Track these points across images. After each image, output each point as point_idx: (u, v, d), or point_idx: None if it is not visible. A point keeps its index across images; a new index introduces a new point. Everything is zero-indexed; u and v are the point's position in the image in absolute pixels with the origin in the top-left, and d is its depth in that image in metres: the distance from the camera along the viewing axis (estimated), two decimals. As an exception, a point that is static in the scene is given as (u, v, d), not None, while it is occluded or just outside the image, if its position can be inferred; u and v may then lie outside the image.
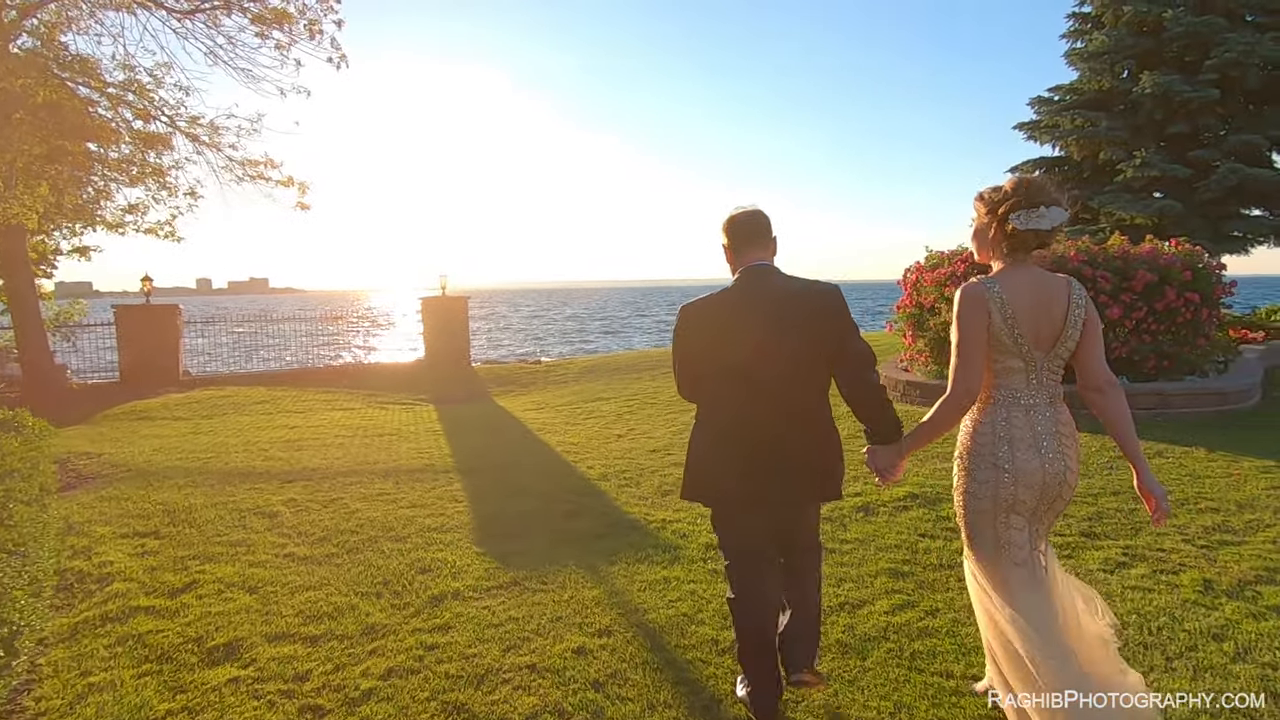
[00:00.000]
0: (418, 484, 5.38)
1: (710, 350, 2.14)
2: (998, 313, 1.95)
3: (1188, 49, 9.65)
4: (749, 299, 2.10)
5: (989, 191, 2.07)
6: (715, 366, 2.14)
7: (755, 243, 2.17)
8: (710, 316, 2.15)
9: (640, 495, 5.05)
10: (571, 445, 6.89)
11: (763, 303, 2.07)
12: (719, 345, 2.12)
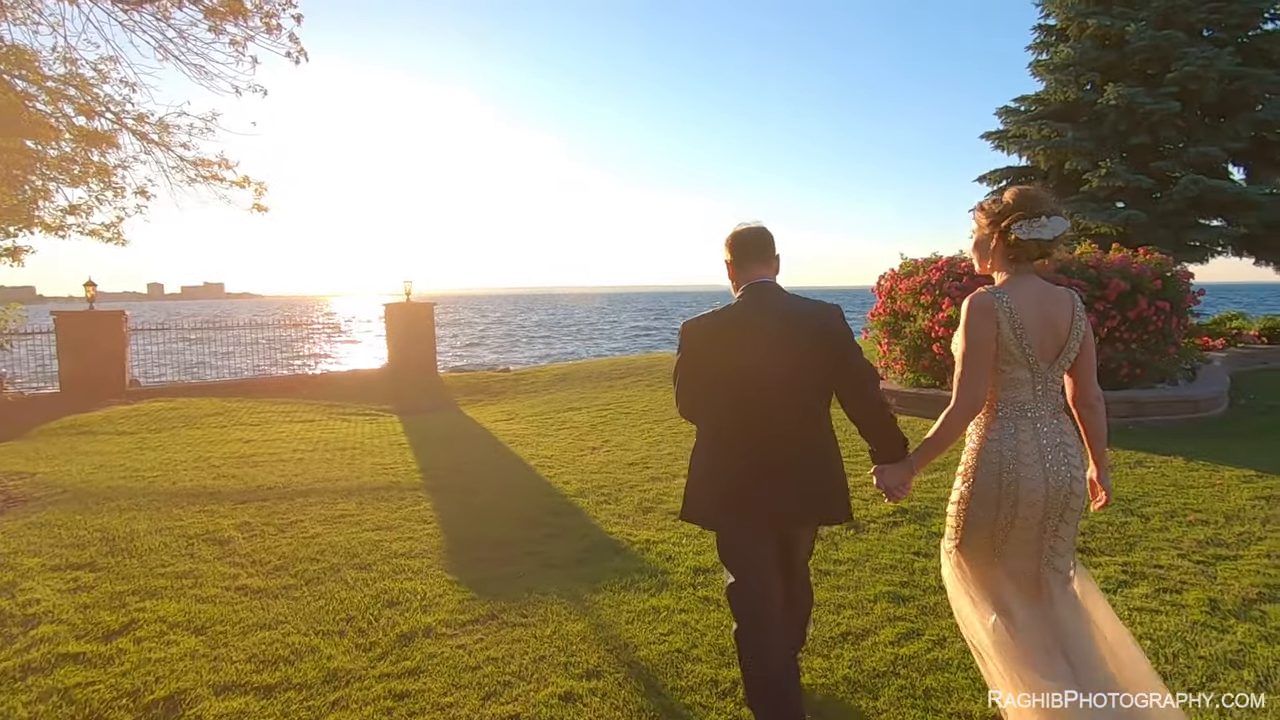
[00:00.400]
0: (383, 503, 5.06)
1: (714, 368, 2.10)
2: (1006, 323, 1.95)
3: (1149, 62, 9.85)
4: (753, 317, 2.08)
5: (990, 202, 2.08)
6: (719, 384, 2.11)
7: (759, 259, 2.16)
8: (714, 334, 2.11)
9: (620, 513, 4.82)
10: (545, 459, 6.63)
11: (767, 321, 2.05)
12: (723, 363, 2.08)
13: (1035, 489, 1.95)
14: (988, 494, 1.98)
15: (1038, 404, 2.00)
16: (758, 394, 2.05)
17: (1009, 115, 11.50)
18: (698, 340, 2.12)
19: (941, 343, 7.83)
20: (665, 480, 5.67)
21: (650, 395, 10.37)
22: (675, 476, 5.77)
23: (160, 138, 9.63)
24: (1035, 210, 1.97)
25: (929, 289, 8.05)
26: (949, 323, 7.70)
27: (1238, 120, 9.53)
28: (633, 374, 12.40)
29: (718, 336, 2.10)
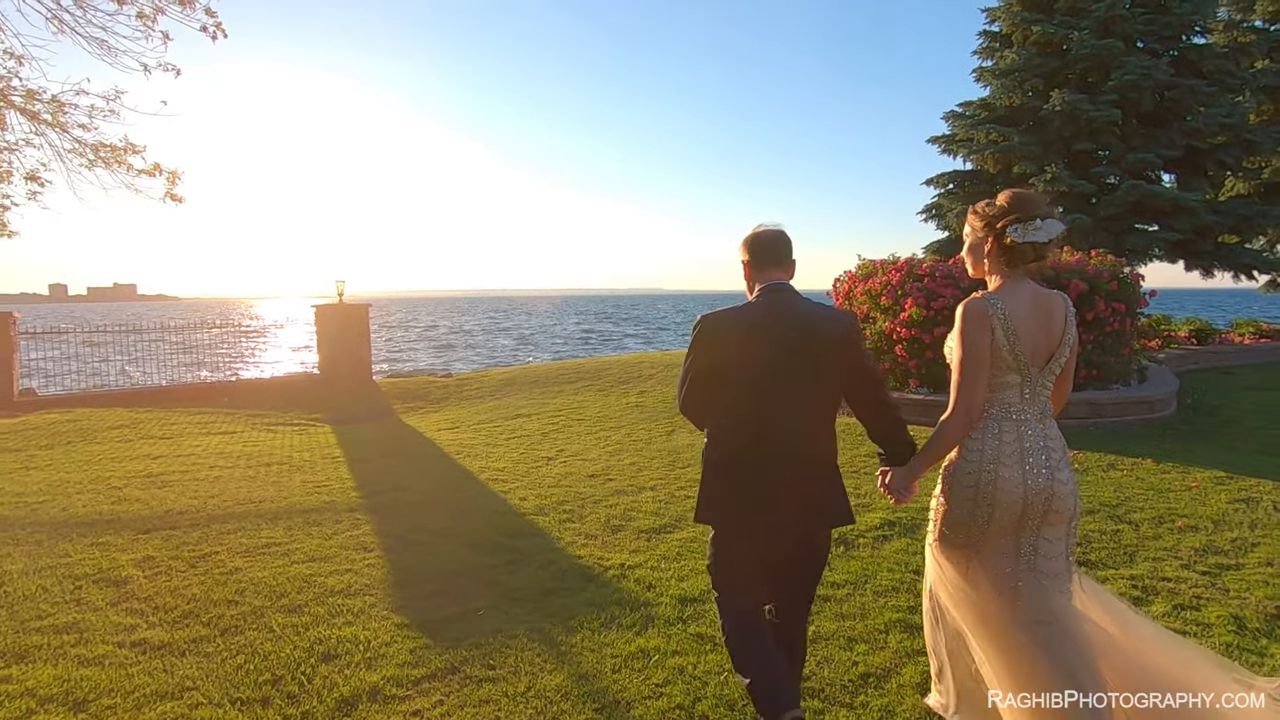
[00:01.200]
0: (316, 529, 4.46)
1: (729, 368, 2.06)
2: (1000, 329, 1.94)
3: (1090, 70, 10.10)
4: (772, 319, 2.05)
5: (984, 206, 2.07)
6: (733, 385, 2.07)
7: (776, 263, 2.14)
8: (732, 333, 2.07)
9: (587, 533, 4.37)
10: (497, 472, 6.10)
11: (786, 324, 2.04)
12: (739, 363, 2.05)
13: (1013, 490, 1.95)
14: (964, 493, 2.00)
15: (1024, 407, 2.01)
16: (773, 397, 2.02)
17: (955, 119, 11.63)
18: (714, 338, 2.07)
19: (905, 344, 7.70)
20: (631, 494, 5.25)
21: (603, 400, 9.94)
22: (641, 489, 5.36)
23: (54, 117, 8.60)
24: (1030, 213, 1.95)
25: (889, 291, 7.92)
26: (911, 323, 7.59)
27: (1171, 129, 9.86)
28: (582, 378, 11.94)
29: (735, 336, 2.05)
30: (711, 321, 2.08)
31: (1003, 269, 2.02)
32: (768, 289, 2.11)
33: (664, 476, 5.73)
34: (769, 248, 2.14)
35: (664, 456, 6.45)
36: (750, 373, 2.03)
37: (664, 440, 7.22)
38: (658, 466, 6.09)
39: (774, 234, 2.16)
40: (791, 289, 2.13)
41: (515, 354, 33.84)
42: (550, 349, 36.50)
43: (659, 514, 4.72)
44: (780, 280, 2.12)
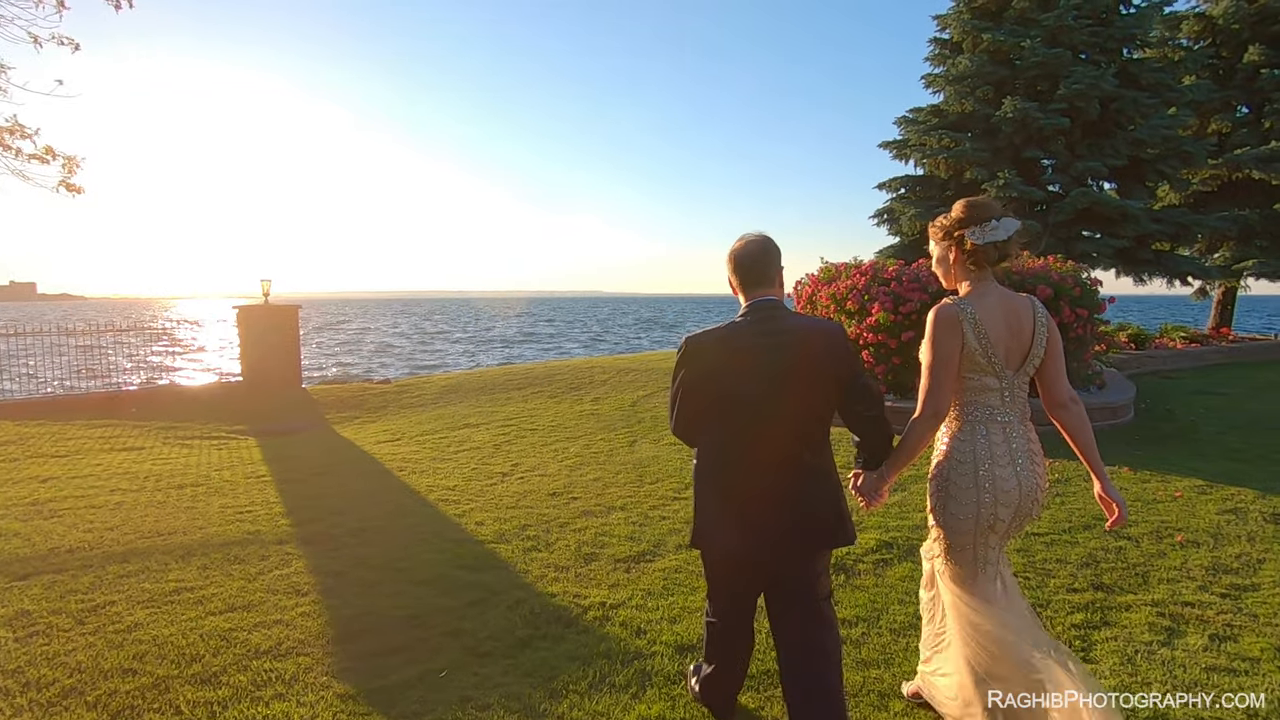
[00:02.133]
0: (237, 568, 3.82)
1: (718, 387, 2.03)
2: (971, 333, 1.97)
3: (1039, 79, 10.25)
4: (759, 336, 2.02)
5: (940, 219, 2.12)
6: (722, 404, 2.04)
7: (761, 280, 2.09)
8: (719, 351, 2.04)
9: (557, 564, 3.89)
10: (448, 491, 5.53)
11: (774, 340, 2.01)
12: (728, 382, 2.02)
13: (1010, 489, 1.98)
14: (966, 493, 2.00)
15: (1006, 409, 2.03)
16: (763, 415, 1.99)
17: (907, 125, 11.66)
18: (702, 357, 2.05)
19: (871, 349, 7.50)
20: (599, 515, 4.79)
21: (556, 408, 9.42)
22: (610, 509, 4.91)
23: (-78, 89, 7.51)
24: (984, 215, 2.00)
25: (855, 295, 7.71)
26: (878, 328, 7.40)
27: (1116, 139, 10.11)
28: (531, 384, 11.37)
29: (723, 355, 2.02)
30: (696, 342, 2.05)
31: (970, 274, 2.05)
32: (754, 306, 2.07)
33: (633, 494, 5.29)
34: (753, 265, 2.09)
35: (629, 471, 6.01)
36: (738, 391, 1.99)
37: (626, 452, 6.78)
38: (624, 482, 5.64)
39: (757, 249, 2.10)
40: (777, 304, 2.08)
41: (457, 358, 32.66)
42: (493, 353, 35.45)
43: (634, 539, 4.28)
44: (768, 296, 2.07)
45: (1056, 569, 3.66)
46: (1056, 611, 3.18)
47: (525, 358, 30.92)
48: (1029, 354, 2.02)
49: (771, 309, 2.06)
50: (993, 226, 2.00)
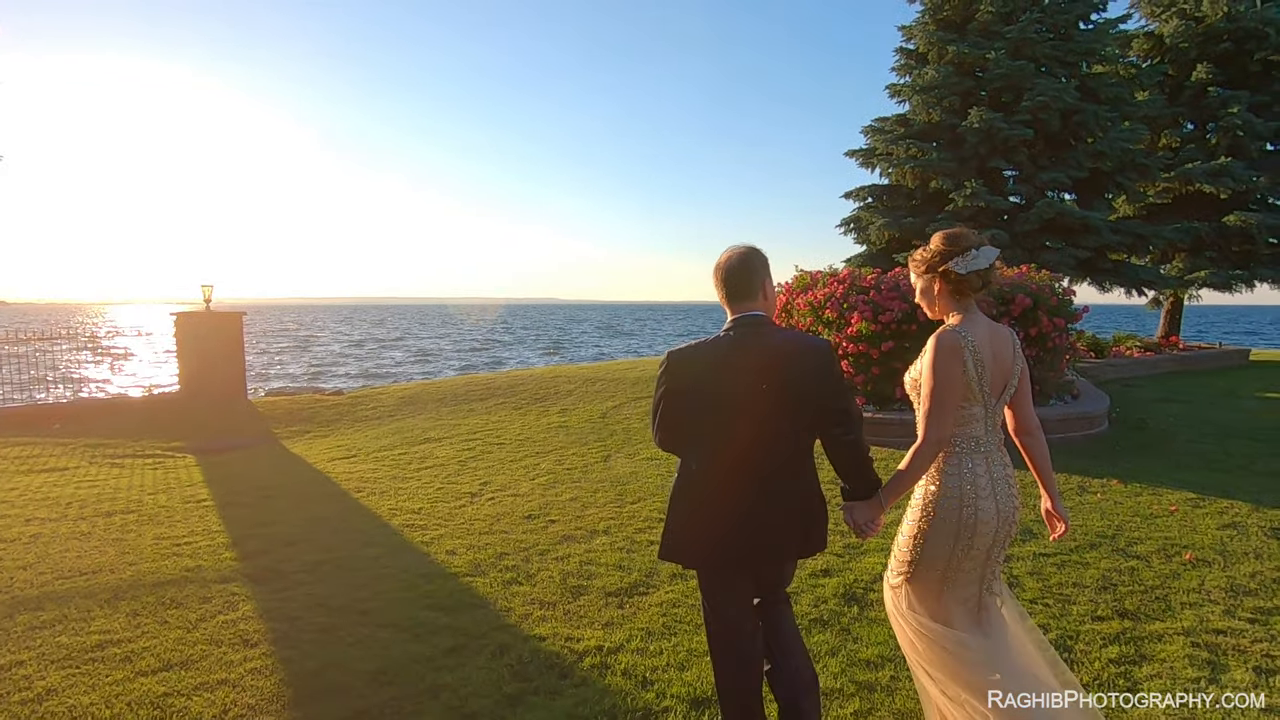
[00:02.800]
0: (174, 613, 3.34)
1: (700, 402, 2.03)
2: (971, 361, 2.00)
3: (1004, 90, 10.37)
4: (742, 352, 2.02)
5: (920, 253, 2.14)
6: (705, 419, 2.03)
7: (746, 295, 2.07)
8: (700, 366, 2.04)
9: (542, 599, 3.53)
10: (412, 515, 5.10)
11: (756, 358, 2.00)
12: (710, 398, 2.01)
13: (989, 520, 2.02)
14: (946, 528, 2.02)
15: (989, 438, 2.07)
16: (745, 431, 1.99)
17: (874, 134, 11.67)
18: (684, 372, 2.04)
19: (851, 359, 7.33)
20: (583, 539, 4.44)
21: (522, 421, 9.01)
22: (594, 534, 4.56)
23: None
24: (964, 246, 2.04)
25: (833, 303, 7.55)
26: (859, 338, 7.23)
27: (1077, 151, 10.29)
28: (494, 395, 10.92)
29: (705, 370, 2.02)
30: (680, 358, 2.04)
31: (957, 304, 2.08)
32: (738, 321, 2.05)
33: (615, 515, 4.95)
34: (737, 280, 2.06)
35: (607, 489, 5.67)
36: (721, 408, 1.99)
37: (601, 468, 6.44)
38: (604, 502, 5.30)
39: (741, 263, 2.06)
40: (764, 320, 2.06)
41: (409, 368, 31.65)
42: (446, 361, 34.51)
43: (624, 567, 3.94)
44: (753, 311, 2.05)
45: (1074, 593, 3.48)
46: (1089, 645, 2.97)
47: (482, 367, 30.23)
48: (1009, 382, 2.08)
49: (755, 324, 2.04)
50: (973, 256, 2.03)
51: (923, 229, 10.92)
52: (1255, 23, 11.23)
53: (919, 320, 7.02)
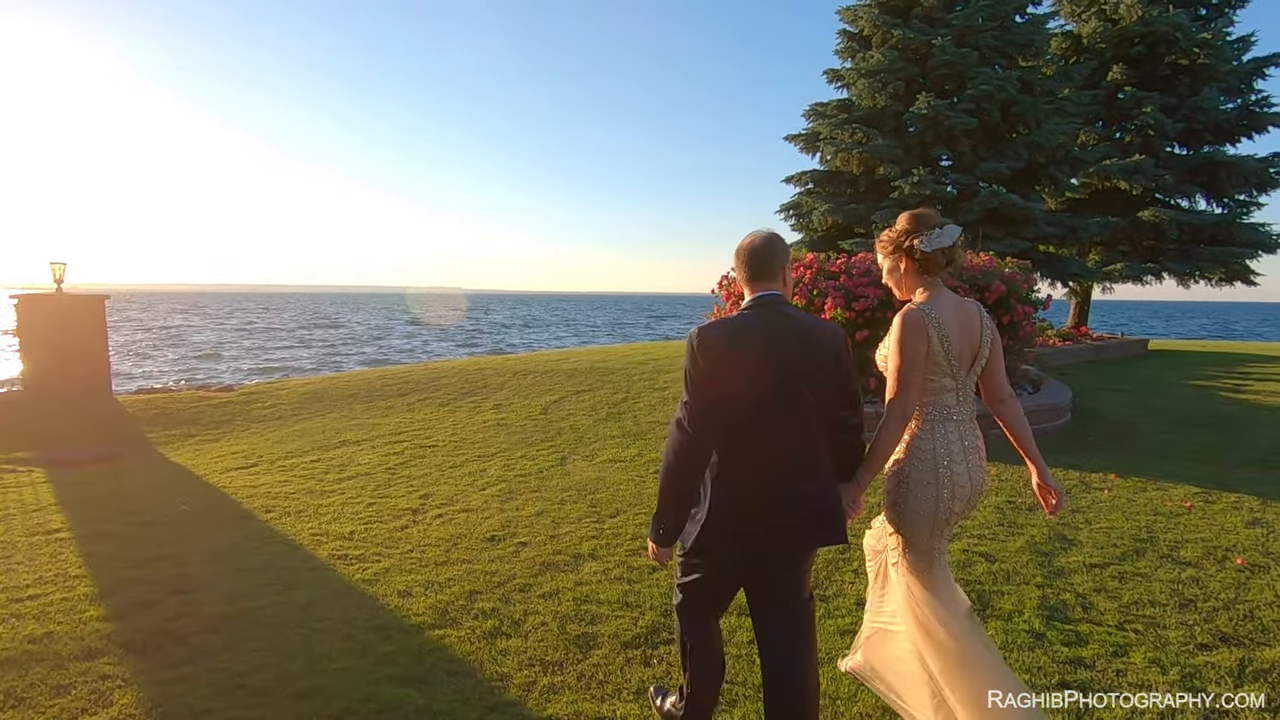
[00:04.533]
0: (13, 715, 2.29)
1: (728, 381, 1.93)
2: (936, 337, 2.05)
3: (948, 78, 10.29)
4: (772, 332, 1.97)
5: (885, 234, 2.20)
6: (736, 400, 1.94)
7: (768, 275, 2.05)
8: (734, 346, 1.95)
9: (543, 657, 2.73)
10: (343, 541, 4.12)
11: (787, 338, 1.98)
12: (738, 376, 1.93)
13: (964, 484, 2.08)
14: (926, 487, 2.07)
15: (960, 408, 2.12)
16: (776, 412, 1.95)
17: (817, 118, 11.35)
18: (718, 351, 1.94)
19: (823, 350, 6.86)
20: (568, 568, 3.65)
21: (452, 419, 8.02)
22: (580, 559, 3.78)
23: None
24: (929, 224, 2.10)
25: (802, 289, 7.05)
26: (831, 327, 6.77)
27: (1016, 142, 10.37)
28: (414, 389, 9.80)
29: (738, 349, 1.94)
30: (712, 336, 1.95)
31: (923, 280, 2.12)
32: (760, 300, 2.04)
33: (595, 534, 4.18)
34: (761, 261, 2.06)
35: (575, 500, 4.88)
36: (749, 386, 1.93)
37: (559, 474, 5.63)
38: (577, 517, 4.52)
39: (765, 245, 2.07)
40: (781, 299, 2.05)
41: (304, 359, 29.03)
42: (348, 353, 31.99)
43: (631, 604, 3.20)
44: (774, 291, 2.06)
45: (1158, 615, 3.06)
46: (1220, 685, 2.52)
47: (392, 358, 28.21)
48: (978, 355, 2.12)
49: (777, 303, 2.03)
50: (939, 234, 2.08)
51: (867, 216, 10.71)
52: (1166, 27, 11.77)
53: (895, 307, 6.68)
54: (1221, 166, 11.85)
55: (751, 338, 1.95)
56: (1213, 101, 12.00)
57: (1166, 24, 11.74)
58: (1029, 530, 4.11)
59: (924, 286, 2.11)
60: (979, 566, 3.60)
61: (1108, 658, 2.71)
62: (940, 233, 2.06)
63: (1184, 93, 12.19)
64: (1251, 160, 11.92)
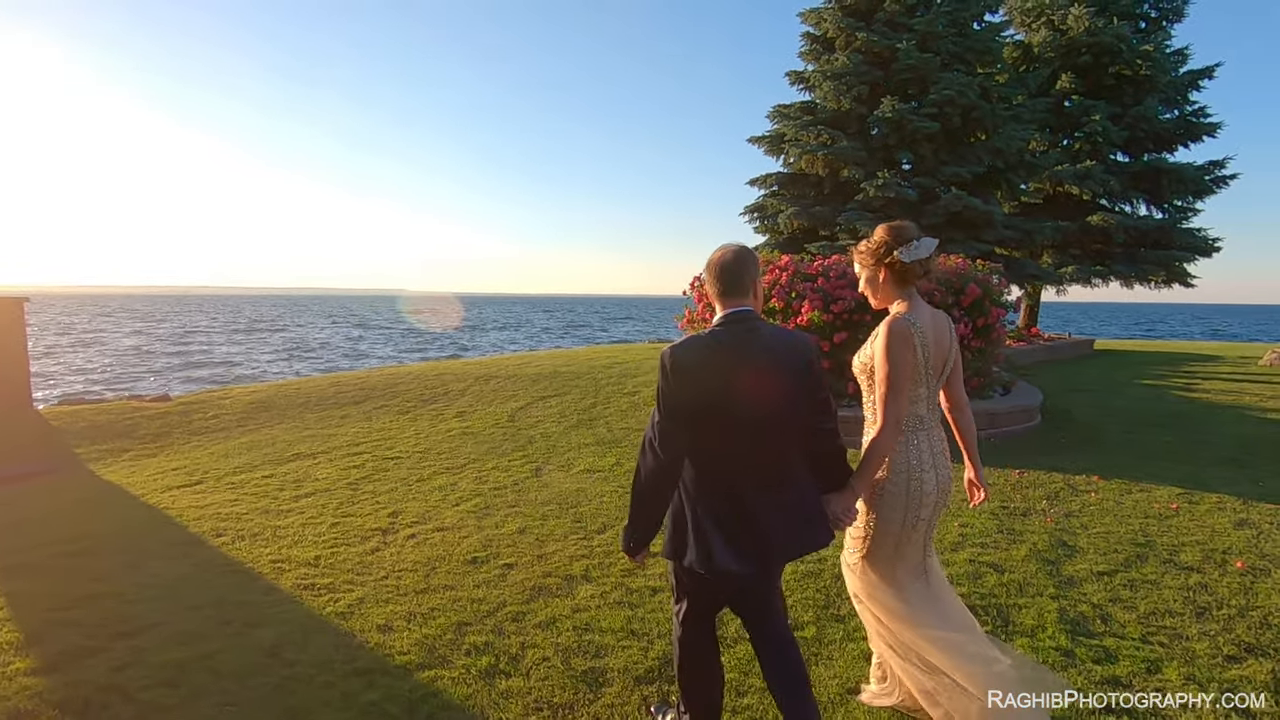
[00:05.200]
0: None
1: (702, 399, 1.95)
2: (920, 347, 2.12)
3: (911, 83, 10.38)
4: (741, 348, 1.99)
5: (865, 245, 2.26)
6: (707, 416, 1.96)
7: (738, 290, 2.05)
8: (705, 364, 1.97)
9: (549, 698, 2.47)
10: (308, 567, 3.75)
11: (755, 352, 1.99)
12: (712, 394, 1.95)
13: (931, 492, 2.16)
14: (896, 502, 2.15)
15: (929, 417, 2.21)
16: (748, 426, 1.97)
17: (782, 119, 11.32)
18: (689, 369, 1.96)
19: (801, 353, 6.74)
20: (562, 592, 3.39)
21: (414, 427, 7.63)
22: (573, 580, 3.52)
23: None
24: (908, 236, 2.16)
25: (779, 291, 6.94)
26: (810, 328, 6.66)
27: (976, 147, 10.54)
28: (370, 397, 9.33)
29: (707, 366, 1.96)
30: (683, 355, 1.96)
31: (900, 291, 2.18)
32: (731, 316, 2.03)
33: (585, 552, 3.93)
34: (731, 276, 2.04)
35: (558, 514, 4.62)
36: (724, 404, 1.94)
37: (536, 486, 5.35)
38: (563, 534, 4.25)
39: (736, 260, 2.05)
40: (753, 315, 2.05)
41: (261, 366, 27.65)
42: (297, 357, 30.66)
43: (638, 633, 2.96)
44: (744, 306, 2.05)
45: (1179, 626, 2.99)
46: (1258, 699, 2.44)
47: (342, 363, 27.16)
48: (947, 363, 2.20)
49: (749, 320, 2.03)
50: (917, 246, 2.13)
51: (833, 219, 10.71)
52: (1111, 38, 12.19)
53: (872, 310, 6.62)
54: (1164, 173, 12.35)
55: (724, 355, 1.96)
56: (1154, 111, 12.50)
57: (1111, 35, 12.15)
58: (1029, 536, 4.04)
59: (902, 297, 2.18)
60: (989, 578, 3.49)
61: (1143, 675, 2.61)
62: (918, 245, 2.13)
63: (1128, 102, 12.65)
64: (1191, 168, 12.47)
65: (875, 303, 2.26)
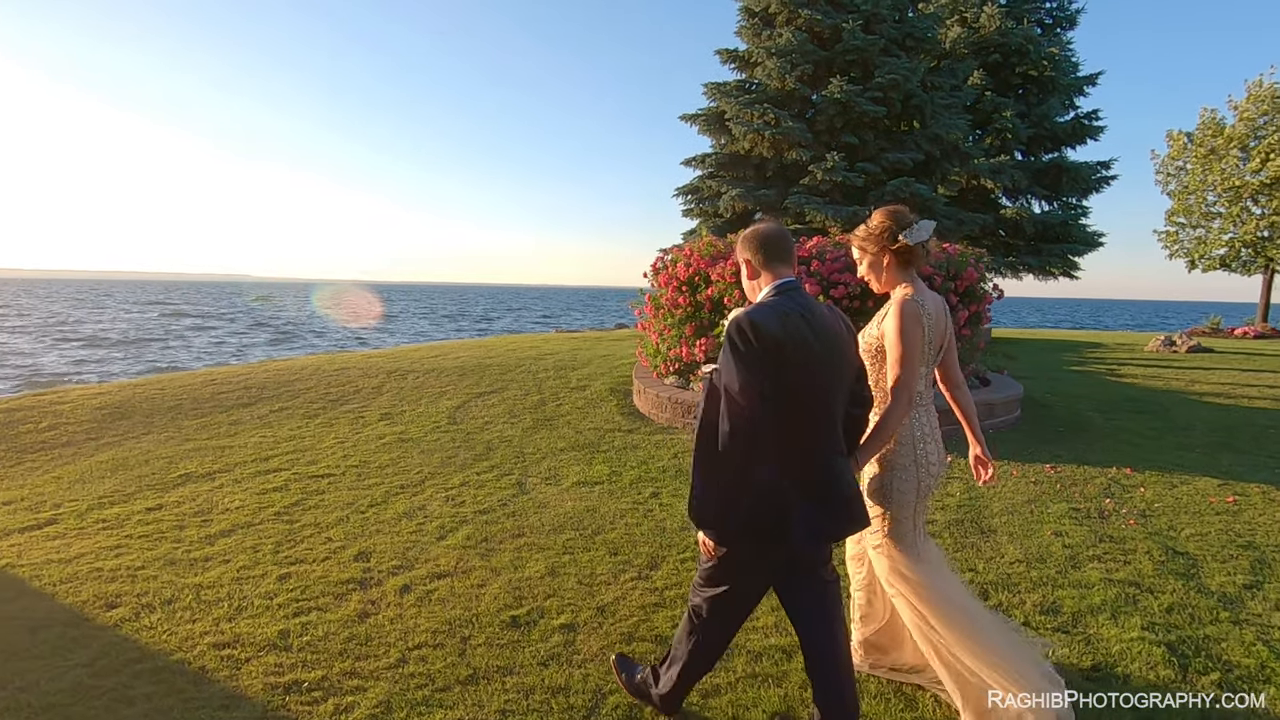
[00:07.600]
0: None
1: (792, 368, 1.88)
2: (926, 326, 2.16)
3: (854, 65, 10.11)
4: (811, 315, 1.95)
5: (863, 230, 2.27)
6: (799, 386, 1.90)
7: (785, 259, 2.05)
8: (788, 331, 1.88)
9: None
10: (276, 651, 2.58)
11: (830, 319, 2.01)
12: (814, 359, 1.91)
13: (934, 462, 2.23)
14: (908, 474, 2.19)
15: (928, 392, 2.28)
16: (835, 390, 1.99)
17: (720, 96, 10.72)
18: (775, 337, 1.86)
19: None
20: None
21: (333, 433, 6.29)
22: (663, 642, 2.62)
23: None
24: (908, 220, 2.19)
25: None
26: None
27: (917, 134, 10.49)
28: (263, 398, 7.75)
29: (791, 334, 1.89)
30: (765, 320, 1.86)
31: (904, 274, 2.22)
32: (785, 286, 1.99)
33: (657, 598, 3.05)
34: (779, 243, 2.03)
35: (583, 543, 3.67)
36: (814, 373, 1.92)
37: (528, 505, 4.35)
38: (607, 571, 3.34)
39: (780, 230, 2.08)
40: (800, 286, 2.01)
41: (90, 364, 23.23)
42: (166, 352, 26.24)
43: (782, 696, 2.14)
44: (791, 277, 2.03)
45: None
46: None
47: (220, 357, 23.60)
48: (944, 343, 2.28)
49: (801, 290, 2.00)
50: (919, 228, 2.16)
51: (779, 202, 10.27)
52: (1020, 39, 12.69)
53: (874, 295, 6.14)
54: (1064, 171, 13.07)
55: (799, 322, 1.91)
56: (1056, 111, 13.20)
57: (1020, 36, 12.64)
58: (1133, 544, 3.62)
59: (905, 280, 2.21)
60: (1148, 602, 2.98)
61: None
62: (919, 227, 2.16)
63: (1033, 101, 13.27)
64: (1086, 166, 13.29)
65: (878, 287, 2.28)
